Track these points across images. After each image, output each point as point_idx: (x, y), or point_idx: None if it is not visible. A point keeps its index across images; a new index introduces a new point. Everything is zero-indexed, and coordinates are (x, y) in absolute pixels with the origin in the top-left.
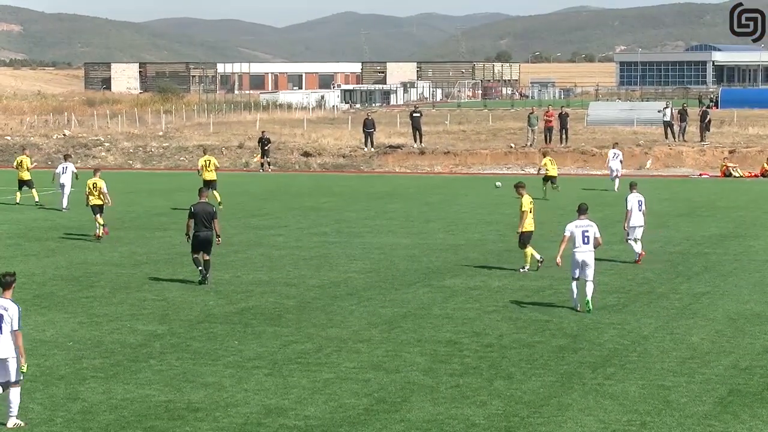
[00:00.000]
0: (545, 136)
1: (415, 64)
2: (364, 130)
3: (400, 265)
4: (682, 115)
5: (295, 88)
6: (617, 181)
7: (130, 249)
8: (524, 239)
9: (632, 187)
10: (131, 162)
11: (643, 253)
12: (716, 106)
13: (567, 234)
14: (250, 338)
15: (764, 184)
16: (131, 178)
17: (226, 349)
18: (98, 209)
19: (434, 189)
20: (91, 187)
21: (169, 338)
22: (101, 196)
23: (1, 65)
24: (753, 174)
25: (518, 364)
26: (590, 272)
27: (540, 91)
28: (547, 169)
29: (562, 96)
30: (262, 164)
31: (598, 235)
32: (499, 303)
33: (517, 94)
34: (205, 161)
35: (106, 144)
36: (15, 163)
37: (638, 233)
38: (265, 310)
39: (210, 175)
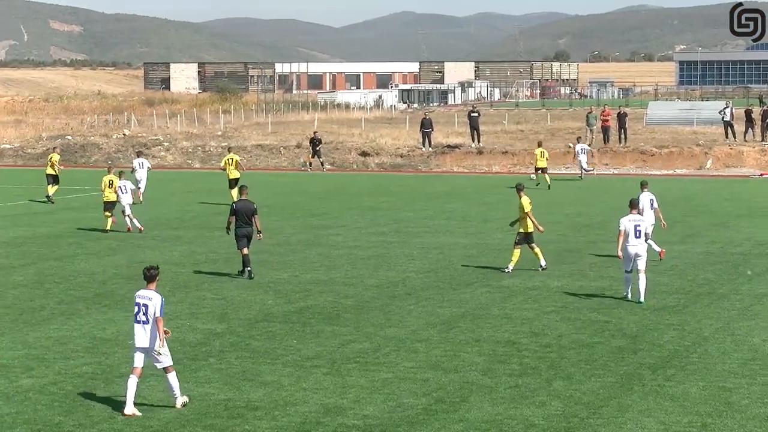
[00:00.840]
0: (603, 136)
1: (473, 63)
2: (421, 130)
3: (458, 265)
4: (748, 116)
5: (352, 87)
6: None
7: (189, 248)
8: (521, 240)
9: (643, 186)
10: (190, 161)
11: (663, 251)
12: None
13: (621, 229)
14: (308, 337)
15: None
16: (190, 178)
17: (284, 348)
18: (111, 206)
19: (492, 189)
20: (107, 183)
21: (228, 337)
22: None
23: (62, 66)
24: None
25: (577, 364)
26: (642, 263)
27: (599, 90)
28: (536, 160)
29: (621, 95)
30: (310, 163)
31: (649, 230)
32: (558, 303)
33: (576, 93)
34: (227, 160)
35: (165, 143)
36: (47, 161)
37: (649, 231)
38: (323, 310)
39: (234, 174)
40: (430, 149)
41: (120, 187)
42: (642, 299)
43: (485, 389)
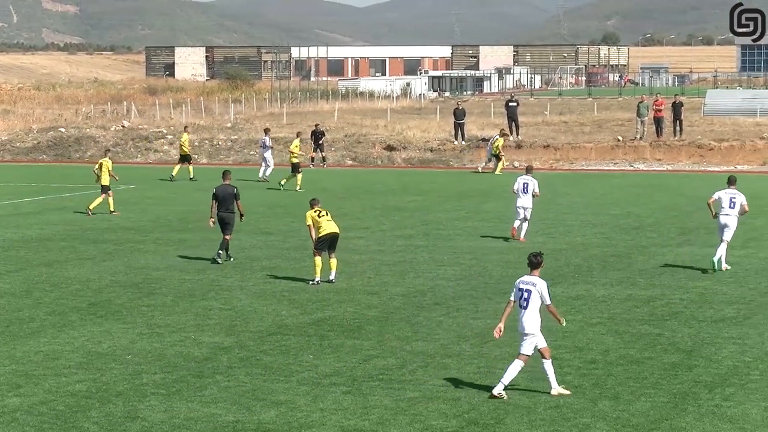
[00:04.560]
0: (656, 128)
1: (512, 47)
2: (454, 121)
3: (493, 272)
4: None
5: (377, 74)
6: None
7: (194, 253)
8: (319, 245)
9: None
10: (197, 156)
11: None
12: None
13: (714, 198)
14: (326, 352)
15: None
16: (196, 175)
17: (300, 364)
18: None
19: None
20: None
21: (238, 351)
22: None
23: (56, 50)
24: None
25: (625, 382)
26: (729, 234)
27: (651, 77)
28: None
29: (677, 83)
30: (312, 158)
31: (744, 203)
32: (604, 314)
33: (623, 81)
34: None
35: (169, 136)
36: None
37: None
38: (343, 321)
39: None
40: (464, 143)
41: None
42: (715, 267)
43: (523, 410)
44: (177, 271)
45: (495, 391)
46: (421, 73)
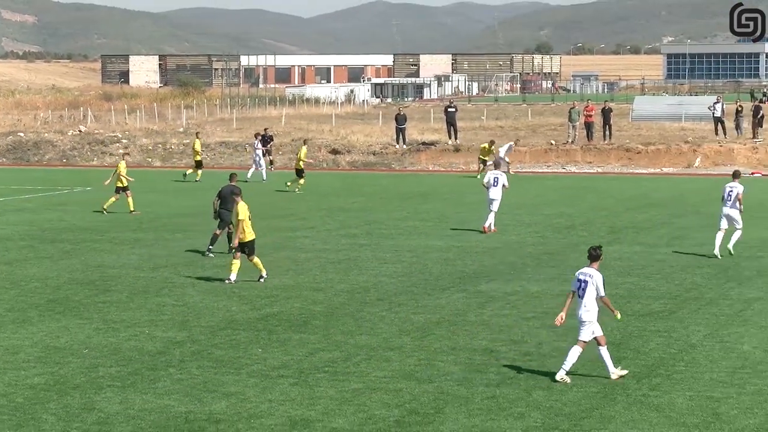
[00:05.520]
0: (587, 133)
1: (450, 56)
2: (395, 126)
3: (433, 269)
4: (740, 111)
5: (322, 81)
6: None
7: (149, 251)
8: (239, 248)
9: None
10: (150, 159)
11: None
12: None
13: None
14: (274, 346)
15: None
16: (150, 177)
17: (249, 358)
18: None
19: (470, 188)
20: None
21: (190, 345)
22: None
23: (15, 58)
24: None
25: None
26: (736, 223)
27: (582, 84)
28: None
29: (606, 90)
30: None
31: (741, 193)
32: (538, 309)
33: (553, 88)
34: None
35: (124, 141)
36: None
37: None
38: (290, 317)
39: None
40: (405, 146)
41: None
42: (732, 252)
43: (461, 400)
44: (132, 269)
45: (558, 377)
46: (364, 81)
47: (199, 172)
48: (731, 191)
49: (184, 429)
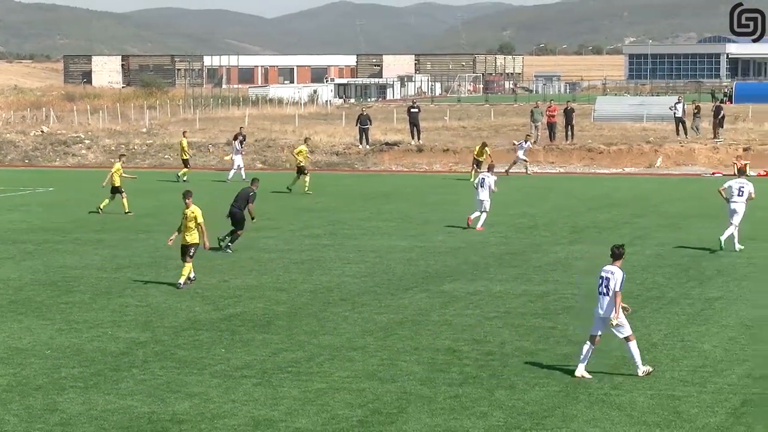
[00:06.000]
0: (549, 133)
1: (413, 56)
2: (358, 127)
3: (396, 269)
4: (697, 111)
5: (286, 82)
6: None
7: (111, 252)
8: (184, 251)
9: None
10: (113, 160)
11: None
12: (730, 101)
13: (725, 186)
14: (237, 346)
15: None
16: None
17: (212, 358)
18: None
19: (433, 188)
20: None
21: (153, 346)
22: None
23: None
24: None
25: (521, 373)
26: (737, 218)
27: (545, 85)
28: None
29: (568, 90)
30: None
31: (752, 191)
32: (500, 309)
33: (512, 88)
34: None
35: (87, 141)
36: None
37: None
38: (253, 317)
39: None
40: (368, 147)
41: None
42: (722, 246)
43: (424, 400)
44: (95, 270)
45: (577, 374)
46: (327, 81)
47: (185, 170)
48: (742, 188)
49: (147, 429)
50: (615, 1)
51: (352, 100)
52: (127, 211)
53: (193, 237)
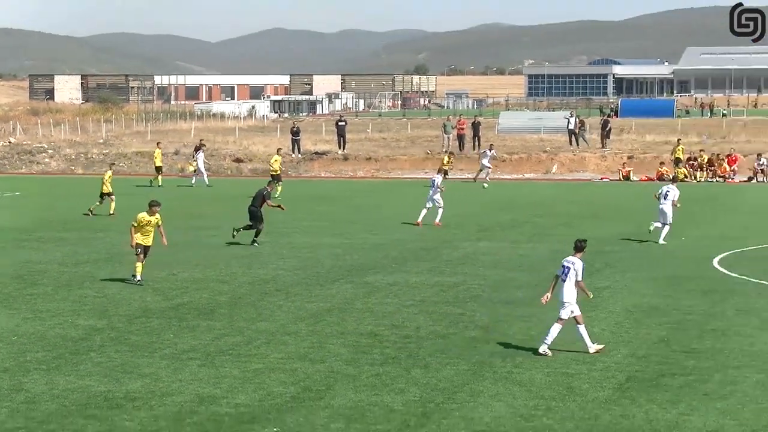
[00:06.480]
0: (459, 143)
1: (340, 76)
2: (291, 138)
3: (325, 263)
4: (582, 125)
5: (227, 98)
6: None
7: (72, 249)
8: (142, 251)
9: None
10: (73, 167)
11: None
12: (616, 115)
13: (659, 191)
14: (185, 332)
15: (659, 187)
16: (73, 183)
17: (162, 342)
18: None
19: (357, 192)
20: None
21: (109, 332)
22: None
23: None
24: (649, 178)
25: (434, 354)
26: (665, 218)
27: (455, 101)
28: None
29: (476, 106)
30: (196, 170)
31: (676, 197)
32: (416, 297)
33: (429, 104)
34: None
35: (50, 151)
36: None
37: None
38: (199, 306)
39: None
40: (300, 156)
41: None
42: (651, 229)
43: (349, 378)
44: (57, 265)
45: (540, 350)
46: (264, 98)
47: (160, 177)
48: (668, 192)
49: (104, 406)
50: (516, 29)
51: (286, 115)
52: (111, 212)
53: (150, 239)
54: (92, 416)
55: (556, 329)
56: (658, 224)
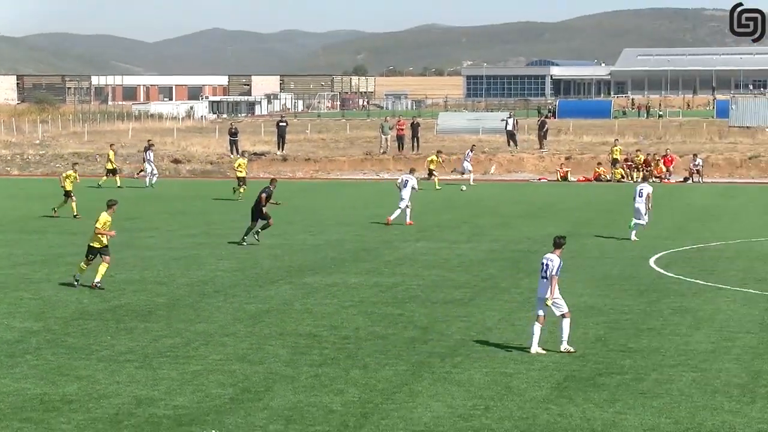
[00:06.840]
0: (398, 144)
1: (279, 77)
2: (229, 139)
3: (264, 264)
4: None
5: (165, 99)
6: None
7: (8, 251)
8: (92, 252)
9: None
10: (9, 168)
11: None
12: (554, 116)
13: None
14: (122, 334)
15: (597, 187)
16: (9, 184)
17: (99, 344)
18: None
19: (296, 193)
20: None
21: (45, 335)
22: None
23: None
24: (587, 178)
25: (373, 354)
26: (639, 216)
27: (394, 102)
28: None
29: (414, 107)
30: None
31: (649, 193)
32: (355, 298)
33: (368, 105)
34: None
35: None
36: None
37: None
38: (136, 307)
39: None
40: (238, 156)
41: None
42: (630, 226)
43: (288, 379)
44: None
45: (532, 350)
46: (202, 99)
47: (118, 178)
48: (642, 190)
49: (40, 409)
50: (454, 29)
51: (225, 116)
52: (75, 214)
53: (103, 240)
54: (28, 419)
55: (537, 328)
56: (641, 222)
